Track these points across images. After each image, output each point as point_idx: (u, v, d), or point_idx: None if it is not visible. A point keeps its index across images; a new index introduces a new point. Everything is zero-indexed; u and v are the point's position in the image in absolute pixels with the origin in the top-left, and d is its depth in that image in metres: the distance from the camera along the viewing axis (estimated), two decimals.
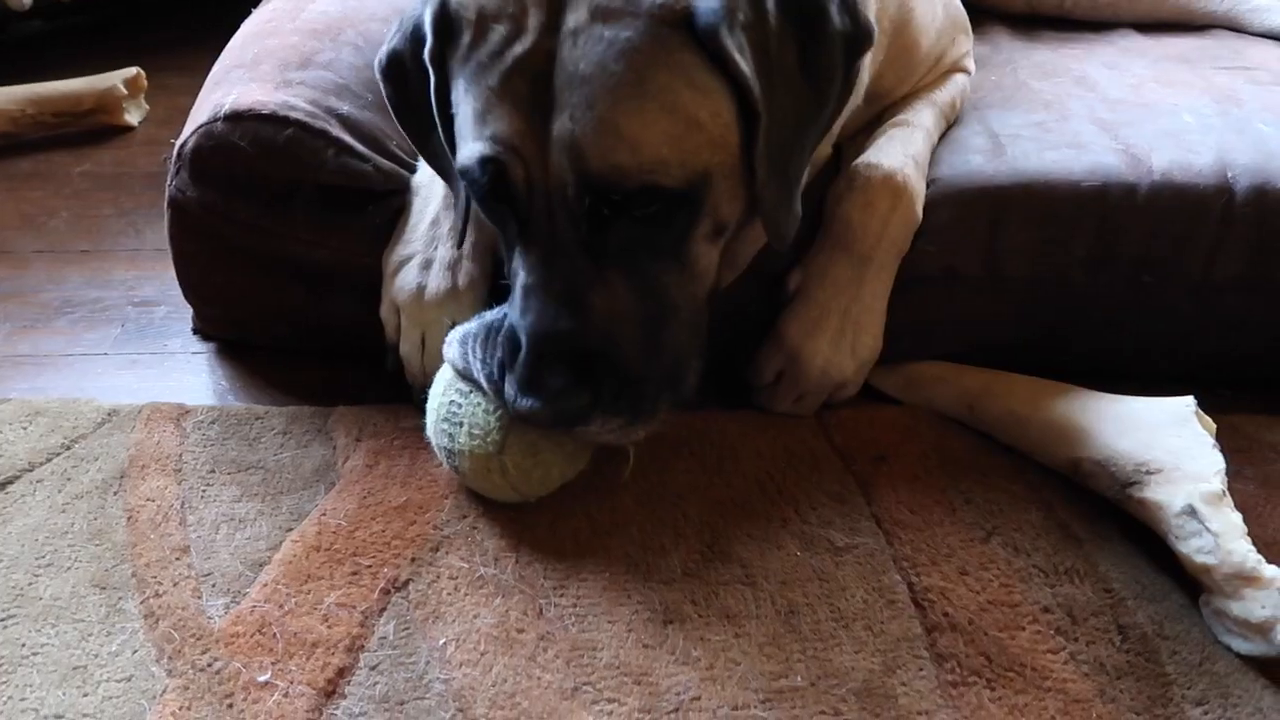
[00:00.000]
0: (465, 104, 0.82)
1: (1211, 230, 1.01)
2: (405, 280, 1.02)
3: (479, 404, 0.87)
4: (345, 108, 1.04)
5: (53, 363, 1.18)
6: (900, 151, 1.02)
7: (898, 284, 1.03)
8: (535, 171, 0.79)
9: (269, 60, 1.06)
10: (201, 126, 1.02)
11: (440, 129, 0.88)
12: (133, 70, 1.69)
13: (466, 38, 0.81)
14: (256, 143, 1.01)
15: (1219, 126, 1.08)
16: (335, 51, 1.08)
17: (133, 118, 1.70)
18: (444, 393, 0.90)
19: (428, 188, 1.04)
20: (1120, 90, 1.18)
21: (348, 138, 1.03)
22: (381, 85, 0.94)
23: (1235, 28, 1.33)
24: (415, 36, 0.87)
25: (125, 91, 1.67)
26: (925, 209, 1.03)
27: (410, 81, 0.89)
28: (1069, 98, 1.17)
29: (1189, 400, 0.92)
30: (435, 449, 0.92)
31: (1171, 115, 1.11)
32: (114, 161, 1.62)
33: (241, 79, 1.05)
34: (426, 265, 1.02)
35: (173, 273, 1.15)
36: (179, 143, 1.05)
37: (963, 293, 1.05)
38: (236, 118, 1.01)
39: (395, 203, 1.04)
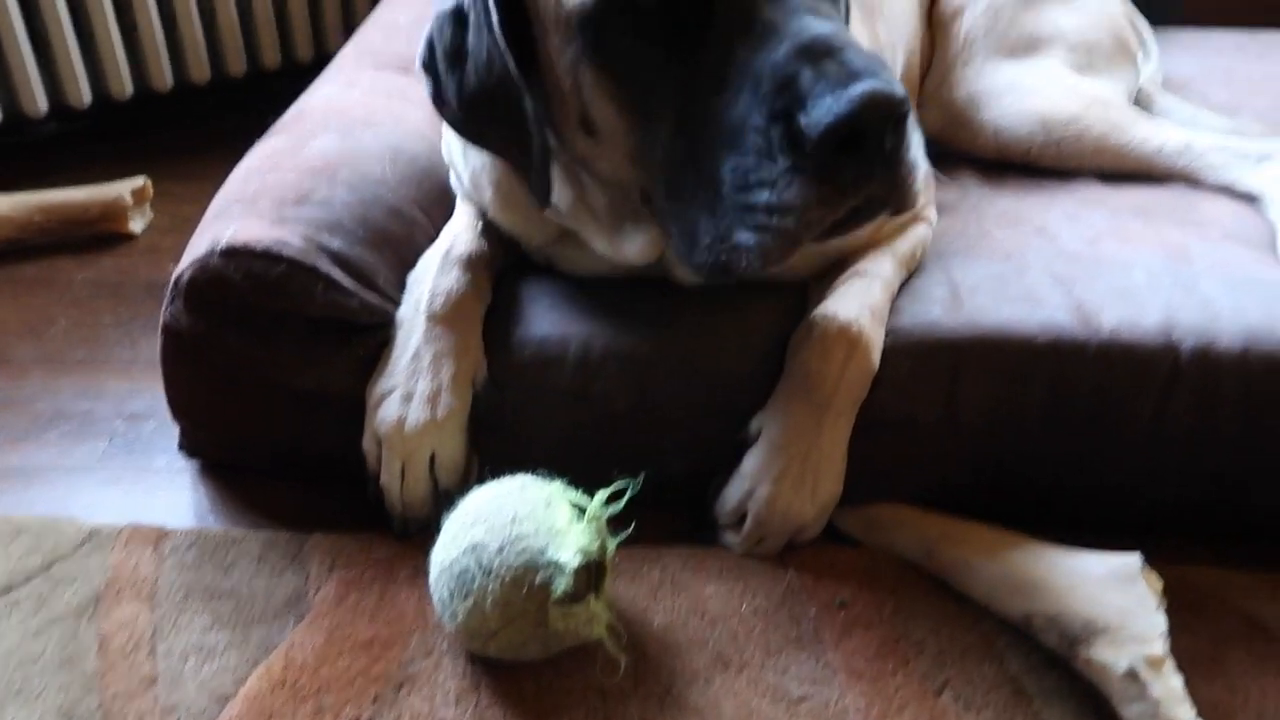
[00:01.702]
0: None
1: (1158, 387, 1.06)
2: (387, 413, 1.06)
3: (494, 590, 0.87)
4: (337, 244, 1.09)
5: (40, 476, 1.21)
6: (857, 302, 1.07)
7: (859, 428, 1.07)
8: None
9: (267, 196, 1.12)
10: (199, 259, 1.07)
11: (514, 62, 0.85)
12: (140, 180, 1.76)
13: None
14: (250, 277, 1.06)
15: (1168, 285, 1.13)
16: (331, 189, 1.14)
17: (136, 225, 1.76)
18: (463, 555, 0.89)
19: (410, 321, 1.08)
20: (1077, 243, 1.23)
21: (337, 273, 1.08)
22: (426, 80, 0.95)
23: (1193, 181, 1.40)
24: None
25: (131, 201, 1.73)
26: (886, 358, 1.07)
27: (466, 49, 0.88)
28: (1028, 249, 1.22)
29: (1135, 558, 0.95)
30: (432, 589, 0.93)
31: (1124, 271, 1.16)
32: (116, 269, 1.67)
33: (240, 213, 1.10)
34: (408, 398, 1.06)
35: (163, 387, 1.19)
36: (176, 273, 1.10)
37: (922, 439, 1.09)
38: (232, 253, 1.06)
39: (379, 336, 1.09)
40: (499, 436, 1.09)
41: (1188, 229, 1.26)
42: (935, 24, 1.57)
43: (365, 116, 1.25)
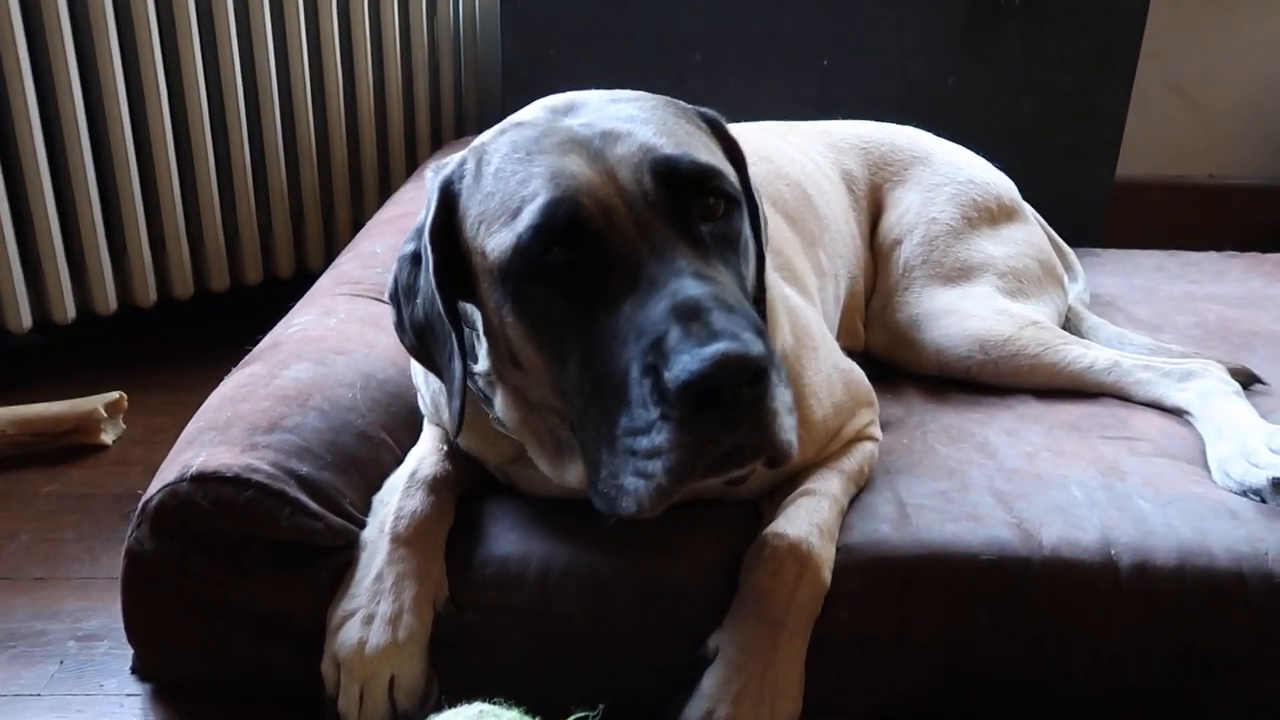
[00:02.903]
0: (492, 197, 0.92)
1: (1101, 604, 1.09)
2: (347, 635, 1.06)
3: None
4: (305, 469, 1.13)
5: None
6: (806, 520, 1.11)
7: (814, 645, 1.08)
8: (608, 197, 0.87)
9: (239, 424, 1.16)
10: (167, 486, 1.10)
11: (443, 305, 0.96)
12: (114, 394, 1.80)
13: (470, 167, 0.97)
14: (217, 503, 1.08)
15: (1103, 502, 1.18)
16: (302, 416, 1.18)
17: (108, 436, 1.79)
18: None
19: (374, 543, 1.11)
20: (1017, 459, 1.30)
21: (303, 497, 1.11)
22: (390, 309, 1.06)
23: (1122, 397, 1.48)
24: (417, 236, 1.00)
25: (105, 414, 1.77)
26: (838, 575, 1.10)
27: (418, 286, 1.00)
28: (970, 465, 1.28)
29: None
30: None
31: (1061, 488, 1.22)
32: (83, 481, 1.69)
33: (211, 441, 1.14)
34: (368, 620, 1.06)
35: (120, 604, 1.19)
36: (144, 499, 1.12)
37: (875, 654, 1.11)
38: (201, 479, 1.09)
39: (343, 558, 1.11)
40: (458, 656, 1.09)
41: (1119, 444, 1.33)
42: (876, 253, 1.69)
43: (339, 345, 1.32)
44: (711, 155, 0.97)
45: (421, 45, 2.45)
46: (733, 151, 1.05)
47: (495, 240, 0.92)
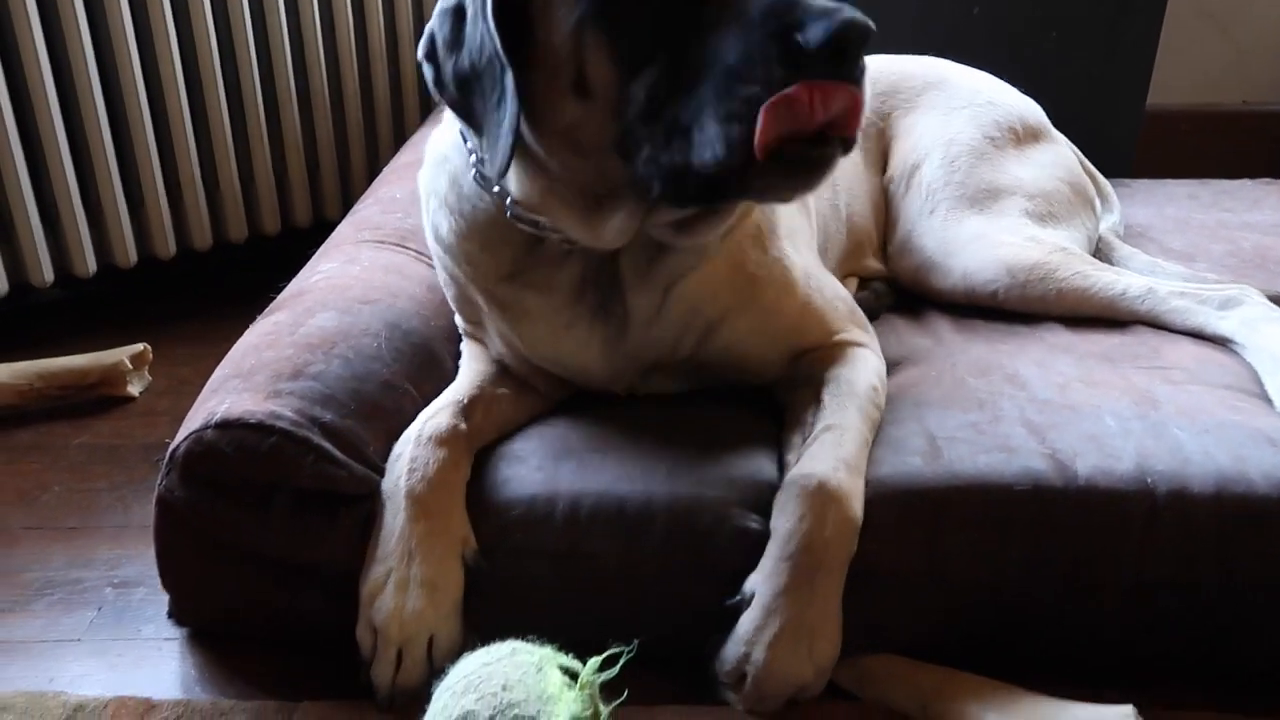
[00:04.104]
0: None
1: (1137, 534, 1.07)
2: (382, 603, 1.06)
3: None
4: (329, 416, 1.12)
5: (26, 650, 1.20)
6: (832, 456, 1.10)
7: (847, 582, 1.08)
8: None
9: (263, 371, 1.16)
10: (193, 433, 1.10)
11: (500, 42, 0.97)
12: (139, 346, 1.81)
13: None
14: (242, 449, 1.08)
15: (1138, 431, 1.16)
16: (326, 364, 1.18)
17: (134, 389, 1.79)
18: None
19: (394, 500, 1.10)
20: (1048, 390, 1.27)
21: (327, 445, 1.11)
22: (425, 67, 1.07)
23: (1156, 325, 1.45)
24: None
25: (130, 366, 1.78)
26: (870, 510, 1.09)
27: (463, 38, 1.02)
28: (1001, 397, 1.26)
29: (1128, 710, 0.95)
30: None
31: (1094, 418, 1.20)
32: (112, 433, 1.70)
33: (236, 389, 1.14)
34: (401, 586, 1.06)
35: (154, 552, 1.20)
36: (172, 447, 1.12)
37: (908, 592, 1.10)
38: (226, 425, 1.09)
39: (367, 507, 1.11)
40: (488, 602, 1.09)
41: (1153, 374, 1.31)
42: (894, 178, 1.66)
43: (363, 293, 1.31)
44: None
45: None
46: None
47: None
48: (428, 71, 1.08)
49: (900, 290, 1.64)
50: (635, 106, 0.96)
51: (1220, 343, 1.39)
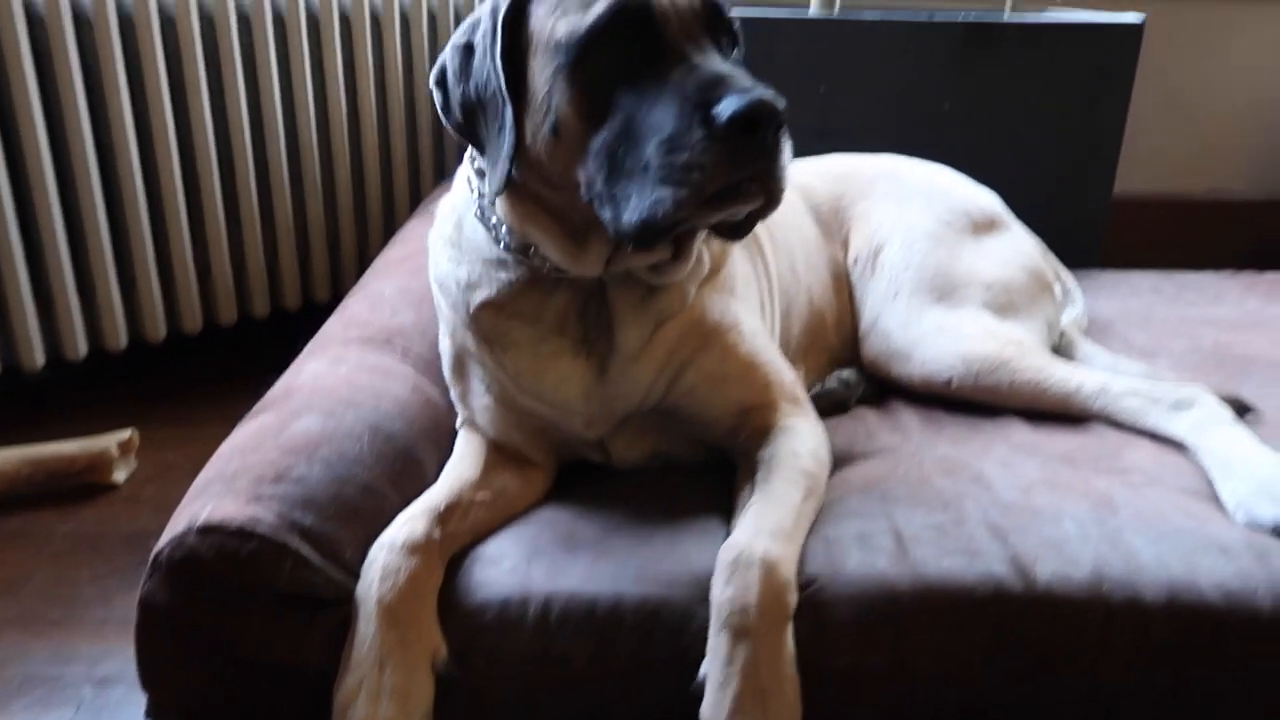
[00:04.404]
0: (577, 2, 1.12)
1: (1093, 640, 1.10)
2: (355, 712, 1.07)
3: None
4: (309, 520, 1.15)
5: None
6: (753, 526, 1.13)
7: (811, 676, 1.09)
8: (670, 6, 1.11)
9: (247, 475, 1.19)
10: (176, 538, 1.12)
11: (504, 89, 1.14)
12: (126, 433, 1.84)
13: None
14: (222, 554, 1.11)
15: (1095, 537, 1.20)
16: (309, 467, 1.21)
17: (120, 475, 1.82)
18: None
19: (365, 608, 1.11)
20: (1011, 492, 1.31)
21: (305, 549, 1.13)
22: (435, 93, 1.23)
23: (1110, 422, 1.49)
24: (472, 30, 1.20)
25: (117, 452, 1.80)
26: (836, 606, 1.12)
27: (471, 70, 1.18)
28: (966, 498, 1.30)
29: None
30: None
31: (1055, 522, 1.23)
32: (96, 520, 1.72)
33: (219, 492, 1.17)
34: (373, 697, 1.08)
35: (134, 648, 1.21)
36: (155, 550, 1.15)
37: (871, 687, 1.12)
38: (207, 531, 1.12)
39: (343, 611, 1.13)
40: (461, 705, 1.11)
41: (1113, 477, 1.35)
42: (858, 260, 1.73)
43: (349, 396, 1.34)
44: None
45: (424, 75, 2.49)
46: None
47: (567, 21, 1.12)
48: (437, 96, 1.24)
49: (872, 380, 1.69)
50: (595, 155, 1.10)
51: (1174, 444, 1.43)
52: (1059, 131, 2.33)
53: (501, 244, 1.23)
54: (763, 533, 1.13)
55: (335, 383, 1.37)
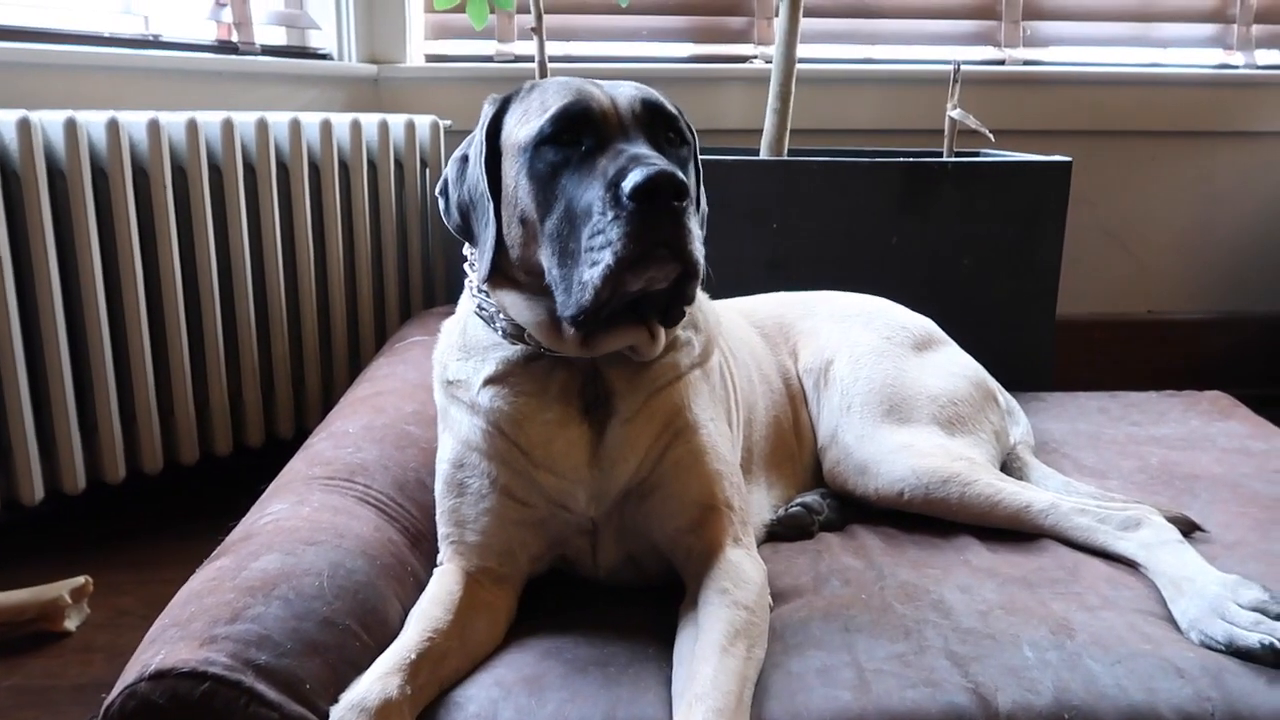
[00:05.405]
0: (533, 103, 1.30)
1: None
2: None
3: None
4: (264, 658, 1.13)
5: None
6: (700, 713, 1.08)
7: None
8: (609, 109, 1.26)
9: (201, 618, 1.17)
10: (127, 688, 1.10)
11: (487, 180, 1.31)
12: (80, 580, 1.80)
13: (523, 91, 1.35)
14: (174, 698, 1.08)
15: (1055, 662, 1.21)
16: (265, 606, 1.19)
17: (71, 623, 1.77)
18: None
19: None
20: (971, 618, 1.32)
21: (262, 687, 1.11)
22: (439, 200, 1.42)
23: (1061, 540, 1.53)
24: (469, 144, 1.37)
25: (70, 600, 1.76)
26: None
27: (465, 177, 1.36)
28: (926, 625, 1.31)
29: None
30: None
31: (1014, 649, 1.24)
32: (44, 672, 1.67)
33: (173, 638, 1.15)
34: None
35: None
36: (106, 702, 1.12)
37: None
38: (159, 677, 1.09)
39: None
40: None
41: (1069, 599, 1.37)
42: (810, 370, 1.80)
43: (310, 535, 1.34)
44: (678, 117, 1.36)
45: (390, 217, 2.57)
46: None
47: (528, 126, 1.28)
48: (440, 202, 1.43)
49: (836, 504, 1.71)
50: (547, 241, 1.24)
51: (1125, 563, 1.46)
52: (1001, 262, 2.43)
53: (499, 330, 1.35)
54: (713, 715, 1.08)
55: (297, 523, 1.37)
